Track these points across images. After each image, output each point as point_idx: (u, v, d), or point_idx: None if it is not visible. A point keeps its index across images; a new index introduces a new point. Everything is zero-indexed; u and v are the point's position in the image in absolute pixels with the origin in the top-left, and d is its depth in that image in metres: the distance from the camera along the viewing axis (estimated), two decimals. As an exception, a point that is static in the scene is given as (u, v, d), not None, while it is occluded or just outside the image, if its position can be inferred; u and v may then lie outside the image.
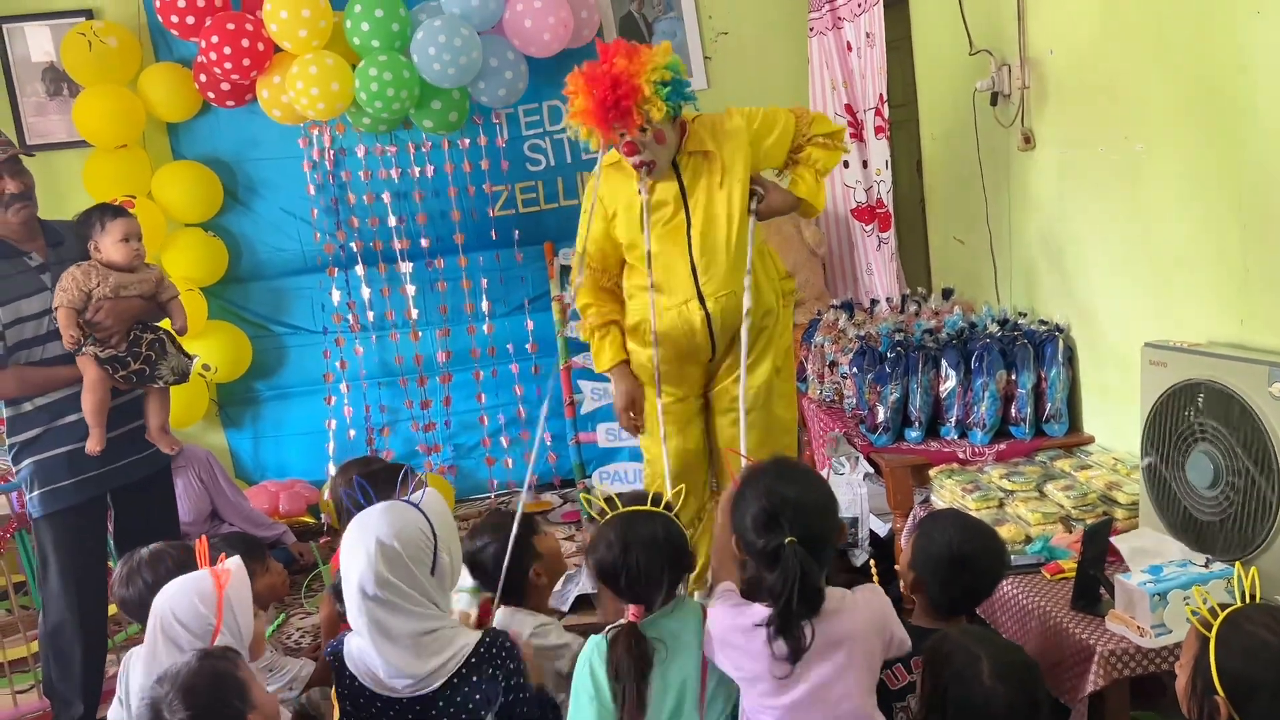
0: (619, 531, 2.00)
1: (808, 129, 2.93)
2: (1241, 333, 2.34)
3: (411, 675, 1.91)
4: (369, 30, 4.08)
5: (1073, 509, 2.60)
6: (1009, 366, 3.06)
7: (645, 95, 2.58)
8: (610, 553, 1.99)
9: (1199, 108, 2.39)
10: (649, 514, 2.04)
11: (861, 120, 4.25)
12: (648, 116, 2.62)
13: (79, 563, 2.90)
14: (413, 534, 1.92)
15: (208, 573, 2.10)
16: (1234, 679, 1.59)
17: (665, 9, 4.80)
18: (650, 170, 2.76)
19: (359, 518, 1.95)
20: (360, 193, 4.62)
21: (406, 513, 1.94)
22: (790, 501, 1.84)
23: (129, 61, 4.43)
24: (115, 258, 2.86)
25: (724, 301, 2.86)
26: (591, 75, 2.63)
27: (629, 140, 2.69)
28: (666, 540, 2.00)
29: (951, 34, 3.54)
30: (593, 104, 2.61)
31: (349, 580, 1.91)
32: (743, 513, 1.88)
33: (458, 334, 4.74)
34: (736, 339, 2.91)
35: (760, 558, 1.85)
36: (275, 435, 4.88)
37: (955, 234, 3.94)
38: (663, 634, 1.95)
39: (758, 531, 1.85)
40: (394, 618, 1.90)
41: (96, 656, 2.98)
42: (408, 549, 1.90)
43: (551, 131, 4.71)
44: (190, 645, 2.02)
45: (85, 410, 2.83)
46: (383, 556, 1.88)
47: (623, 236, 2.92)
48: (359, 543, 1.91)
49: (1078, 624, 2.18)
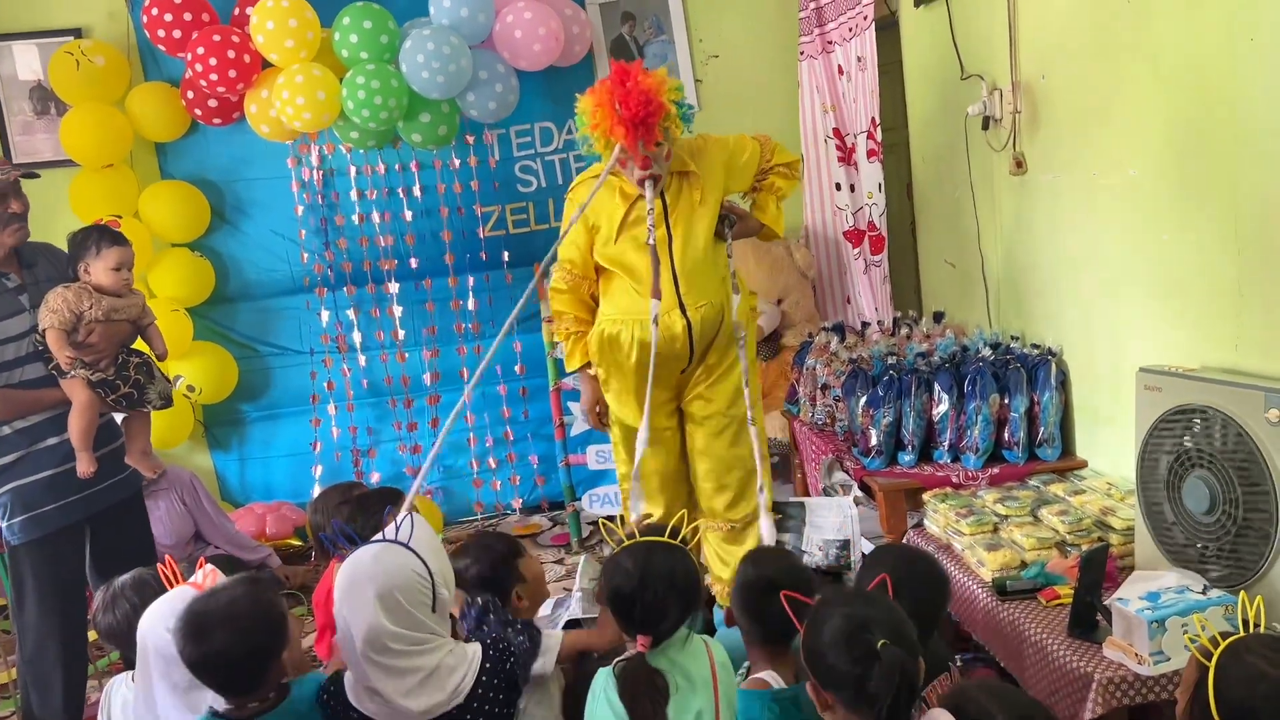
0: (637, 562, 1.97)
1: (771, 157, 3.11)
2: (1236, 358, 2.33)
3: (423, 708, 1.88)
4: (358, 42, 4.07)
5: (1067, 534, 2.59)
6: (1002, 390, 3.06)
7: (670, 113, 2.76)
8: (628, 582, 1.95)
9: (1193, 133, 2.40)
10: (668, 547, 2.00)
11: (852, 145, 4.25)
12: (666, 133, 2.79)
13: (58, 590, 2.84)
14: (409, 579, 1.86)
15: (187, 587, 2.07)
16: (1233, 709, 1.58)
17: (656, 31, 4.81)
18: (657, 184, 2.89)
19: (350, 565, 1.89)
20: (349, 213, 4.60)
21: (399, 555, 1.88)
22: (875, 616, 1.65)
23: (117, 81, 4.41)
24: (105, 283, 2.84)
25: (703, 311, 2.96)
26: (622, 90, 2.74)
27: (645, 155, 2.81)
28: (683, 575, 1.97)
29: (943, 58, 3.55)
30: (621, 117, 2.72)
31: (350, 635, 1.85)
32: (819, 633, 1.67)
33: (446, 355, 4.71)
34: (710, 349, 3.02)
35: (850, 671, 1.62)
36: (262, 457, 4.83)
37: (946, 257, 3.95)
38: (674, 667, 1.92)
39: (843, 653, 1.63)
40: (401, 661, 1.86)
41: (77, 683, 2.93)
42: (407, 595, 1.85)
43: (543, 153, 4.71)
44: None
45: (73, 433, 2.79)
46: (384, 609, 1.82)
47: (601, 248, 3.01)
48: (356, 597, 1.85)
49: (1075, 651, 2.16)
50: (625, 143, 2.75)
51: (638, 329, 2.96)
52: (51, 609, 2.83)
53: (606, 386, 3.16)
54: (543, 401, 4.61)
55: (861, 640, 1.61)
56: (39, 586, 2.83)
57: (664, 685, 1.88)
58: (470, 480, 4.79)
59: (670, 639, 1.97)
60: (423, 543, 1.92)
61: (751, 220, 3.12)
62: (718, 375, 3.03)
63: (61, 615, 2.84)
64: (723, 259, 3.02)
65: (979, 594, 2.54)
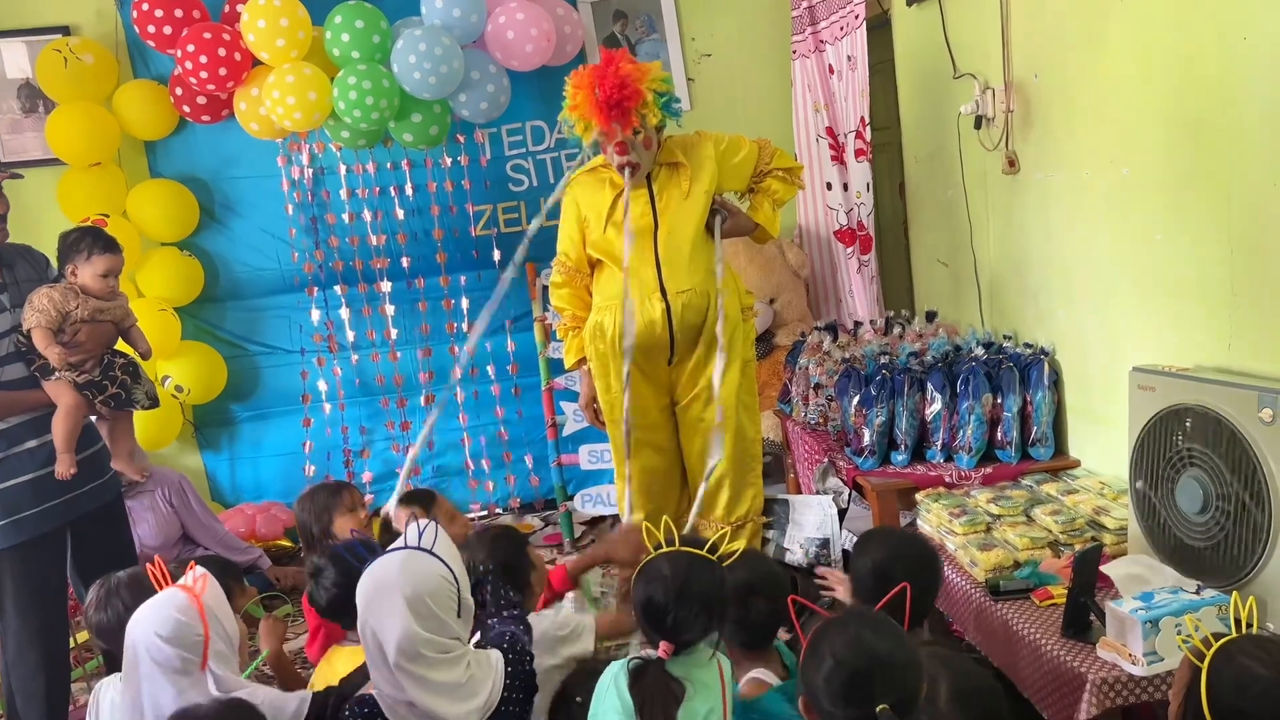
0: (676, 572, 1.90)
1: (770, 160, 3.16)
2: (1229, 357, 2.33)
3: (461, 714, 1.86)
4: (349, 41, 4.04)
5: (1061, 534, 2.58)
6: (995, 390, 3.05)
7: (646, 100, 2.82)
8: (664, 593, 1.88)
9: (1186, 132, 2.40)
10: (707, 562, 1.94)
11: (843, 143, 4.25)
12: (644, 120, 2.85)
13: (38, 595, 2.82)
14: (438, 584, 1.85)
15: (176, 589, 2.05)
16: (1225, 711, 1.58)
17: (648, 30, 4.80)
18: (634, 171, 2.96)
19: (375, 575, 1.86)
20: (340, 212, 4.57)
21: (424, 561, 1.86)
22: (883, 661, 1.56)
23: (105, 78, 4.38)
24: (92, 287, 2.83)
25: (685, 298, 3.01)
26: (600, 74, 2.83)
27: (621, 140, 2.88)
28: (717, 593, 1.92)
29: (935, 57, 3.55)
30: (598, 100, 2.81)
31: (381, 645, 1.82)
32: (819, 669, 1.59)
33: (439, 354, 4.69)
34: (695, 343, 3.06)
35: None
36: (252, 457, 4.81)
37: (939, 257, 3.94)
38: (688, 675, 1.88)
39: (839, 700, 1.56)
40: (433, 672, 1.84)
41: (61, 685, 2.91)
42: (437, 601, 1.84)
43: (534, 152, 4.70)
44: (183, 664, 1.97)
45: (57, 435, 2.76)
46: (415, 615, 1.80)
47: (591, 238, 3.08)
48: (385, 605, 1.81)
49: (1069, 651, 2.16)
50: (599, 125, 2.84)
51: (620, 314, 3.01)
52: (31, 614, 2.80)
53: (596, 379, 3.17)
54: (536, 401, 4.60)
55: (860, 693, 1.53)
56: (18, 592, 2.80)
57: (680, 692, 1.85)
58: (465, 480, 4.77)
59: (691, 649, 1.93)
60: (444, 548, 1.90)
61: (744, 219, 3.15)
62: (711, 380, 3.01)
63: (41, 620, 2.82)
64: (712, 252, 3.05)
65: (972, 594, 2.53)
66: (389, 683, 1.84)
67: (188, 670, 1.99)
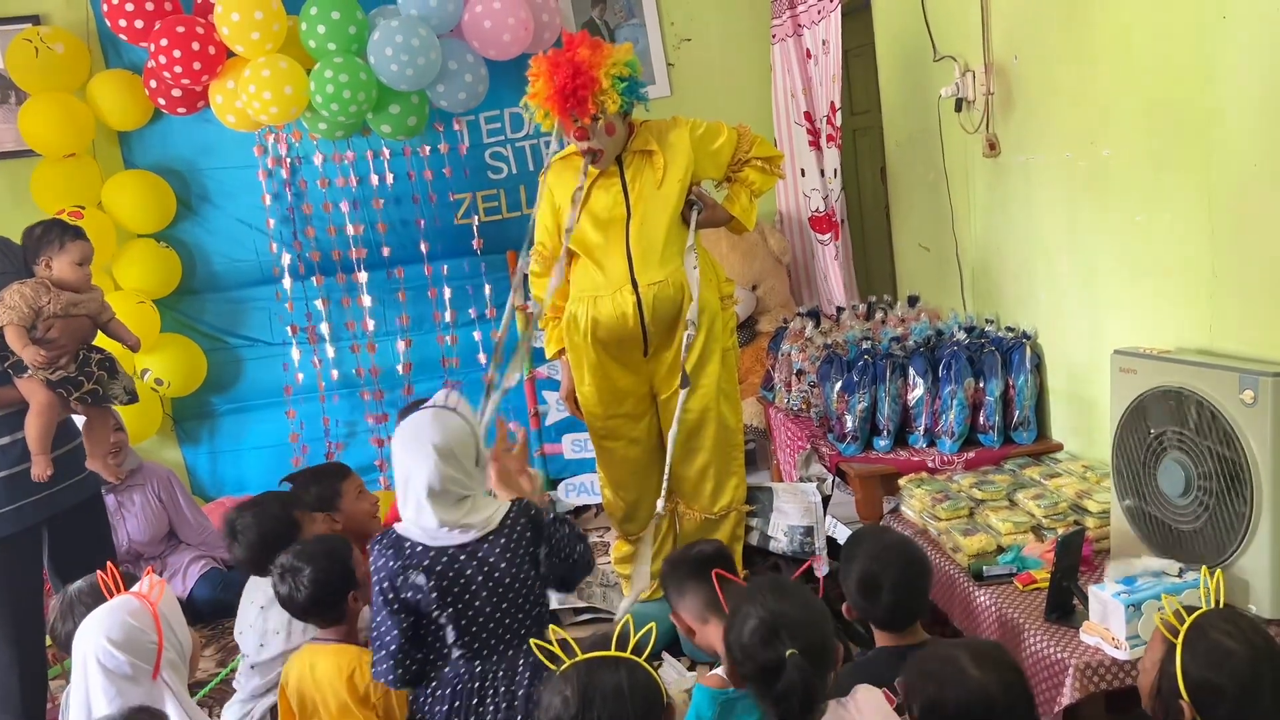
0: (576, 685, 1.69)
1: (749, 148, 3.09)
2: (1211, 339, 2.32)
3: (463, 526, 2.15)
4: (325, 33, 3.98)
5: (1044, 518, 2.57)
6: (977, 374, 3.05)
7: (602, 87, 2.78)
8: (567, 710, 1.68)
9: (1166, 113, 2.38)
10: (614, 661, 1.72)
11: (819, 128, 4.22)
12: (602, 107, 2.80)
13: (13, 595, 2.77)
14: (463, 435, 2.18)
15: (130, 596, 2.02)
16: (1198, 685, 1.61)
17: (627, 15, 4.76)
18: (596, 159, 2.92)
19: (412, 425, 2.17)
20: (318, 202, 4.52)
21: (452, 418, 2.18)
22: (790, 616, 1.77)
23: (77, 68, 4.31)
24: (68, 277, 2.78)
25: (656, 290, 2.96)
26: (555, 61, 2.79)
27: (580, 126, 2.84)
28: (633, 691, 1.70)
29: (915, 40, 3.52)
30: (553, 89, 2.77)
31: (411, 480, 2.12)
32: (739, 628, 1.80)
33: (421, 344, 4.65)
34: (671, 335, 3.01)
35: (759, 672, 1.76)
36: (233, 450, 4.76)
37: (920, 241, 3.93)
38: None
39: (755, 650, 1.76)
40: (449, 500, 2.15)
41: (38, 687, 2.87)
42: (461, 450, 2.16)
43: (513, 139, 4.65)
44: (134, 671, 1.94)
45: (31, 435, 2.72)
46: (442, 459, 2.12)
47: (565, 226, 3.03)
48: (419, 450, 2.13)
49: (1052, 636, 2.15)
50: (554, 112, 2.82)
51: (591, 305, 2.99)
52: (6, 614, 2.76)
53: (573, 370, 3.15)
54: (516, 390, 4.56)
55: (772, 645, 1.72)
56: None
57: None
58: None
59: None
60: (466, 410, 2.23)
61: (720, 210, 3.10)
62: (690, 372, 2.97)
63: (15, 620, 2.78)
64: (685, 242, 3.00)
65: (956, 578, 2.53)
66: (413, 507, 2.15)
67: (138, 679, 1.96)
